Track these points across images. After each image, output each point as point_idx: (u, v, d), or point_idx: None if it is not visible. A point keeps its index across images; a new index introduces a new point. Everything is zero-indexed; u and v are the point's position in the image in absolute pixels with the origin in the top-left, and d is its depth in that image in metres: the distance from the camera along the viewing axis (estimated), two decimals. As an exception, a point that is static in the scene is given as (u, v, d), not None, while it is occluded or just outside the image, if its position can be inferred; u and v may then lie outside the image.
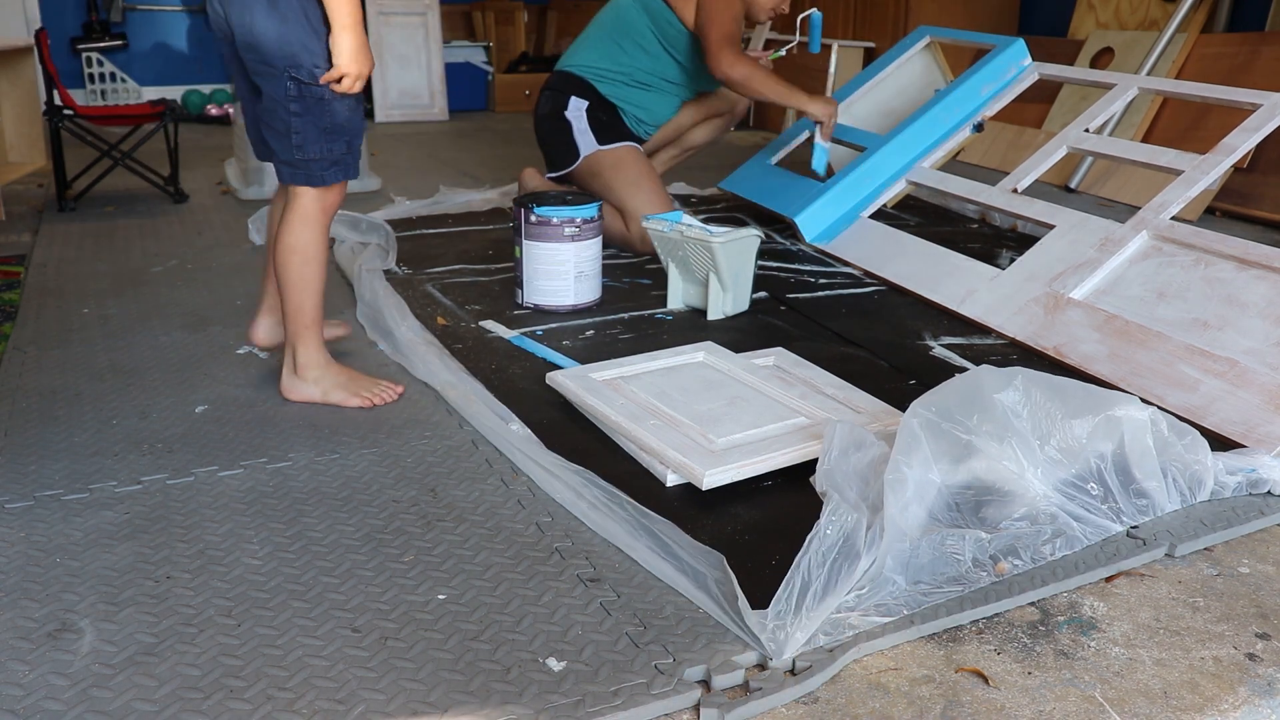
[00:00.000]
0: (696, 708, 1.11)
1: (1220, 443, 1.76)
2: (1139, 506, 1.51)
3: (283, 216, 1.83)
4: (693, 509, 1.51)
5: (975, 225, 3.28)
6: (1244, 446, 1.73)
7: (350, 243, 2.91)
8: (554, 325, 2.31)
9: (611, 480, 1.57)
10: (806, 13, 3.18)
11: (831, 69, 4.86)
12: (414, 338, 2.13)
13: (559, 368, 2.03)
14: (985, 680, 1.17)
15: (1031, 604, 1.32)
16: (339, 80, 1.71)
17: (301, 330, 1.85)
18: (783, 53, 3.26)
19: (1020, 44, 3.10)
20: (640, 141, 3.02)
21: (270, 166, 3.59)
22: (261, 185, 3.66)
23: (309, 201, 1.80)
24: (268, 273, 1.99)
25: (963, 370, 2.10)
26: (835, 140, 3.39)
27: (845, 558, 1.25)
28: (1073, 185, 3.89)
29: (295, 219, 1.80)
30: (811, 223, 2.98)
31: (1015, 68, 3.10)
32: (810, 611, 1.20)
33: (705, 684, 1.15)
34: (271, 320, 2.02)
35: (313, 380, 1.87)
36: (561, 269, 2.36)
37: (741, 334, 2.29)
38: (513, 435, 1.71)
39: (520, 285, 2.42)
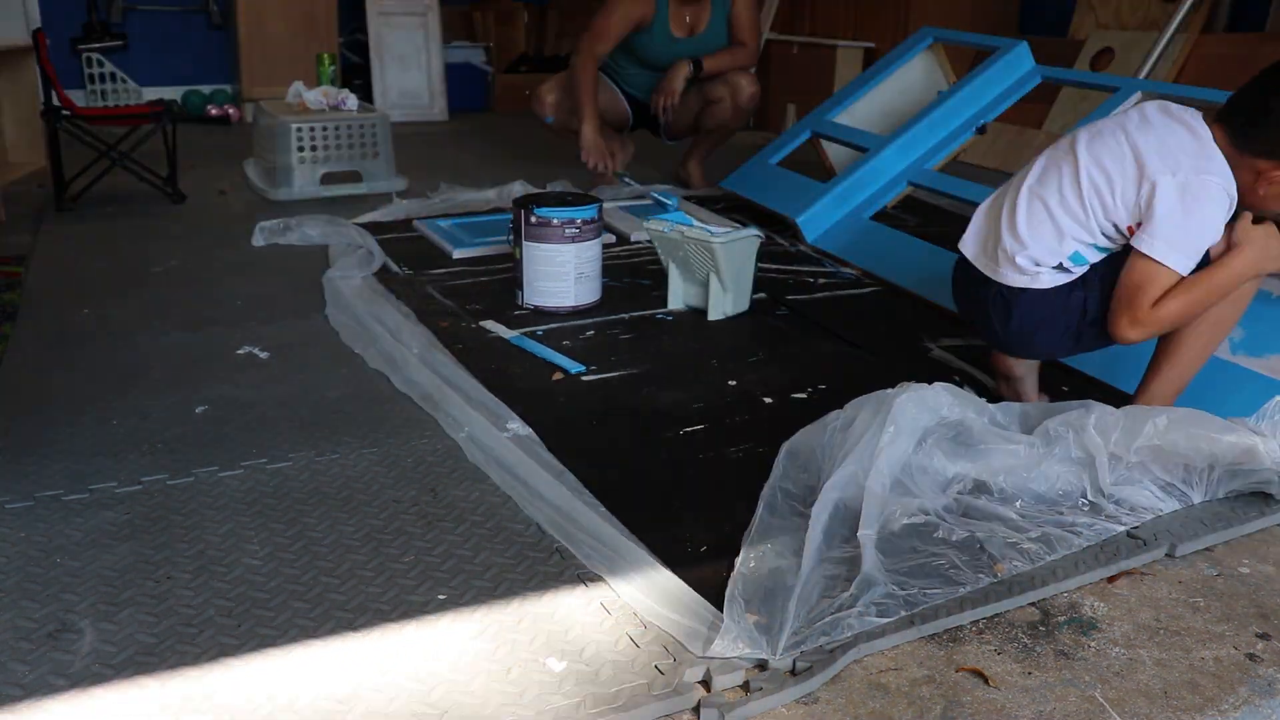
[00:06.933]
0: (697, 708, 1.11)
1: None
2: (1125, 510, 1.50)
3: None
4: (693, 508, 1.51)
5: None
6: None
7: (336, 246, 2.89)
8: (554, 325, 2.31)
9: (611, 480, 1.57)
10: None
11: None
12: (390, 349, 2.10)
13: (560, 368, 2.03)
14: (985, 680, 1.17)
15: (1031, 604, 1.32)
16: None
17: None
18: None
19: (1024, 47, 3.10)
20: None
21: (297, 169, 3.52)
22: (290, 187, 3.55)
23: None
24: None
25: (961, 372, 2.10)
26: (837, 141, 3.39)
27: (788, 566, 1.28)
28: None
29: None
30: (813, 223, 2.99)
31: (1018, 71, 3.10)
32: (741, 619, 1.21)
33: (705, 684, 1.15)
34: None
35: None
36: (562, 270, 2.35)
37: (742, 334, 2.29)
38: (464, 436, 1.73)
39: (520, 286, 2.41)
